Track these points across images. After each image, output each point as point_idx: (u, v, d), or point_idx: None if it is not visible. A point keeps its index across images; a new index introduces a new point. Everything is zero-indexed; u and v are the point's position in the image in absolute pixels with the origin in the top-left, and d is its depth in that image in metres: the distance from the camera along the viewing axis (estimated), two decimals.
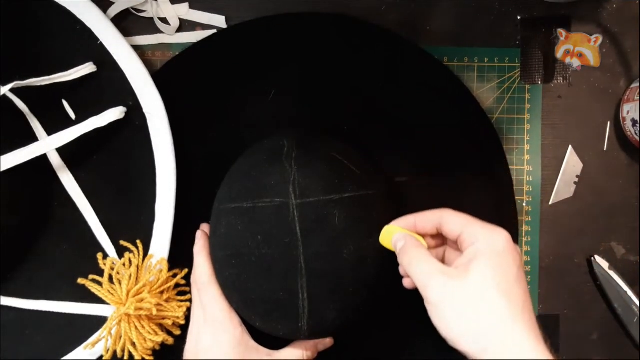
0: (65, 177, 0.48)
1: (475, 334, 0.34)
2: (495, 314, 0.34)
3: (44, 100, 0.47)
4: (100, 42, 0.46)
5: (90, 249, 0.47)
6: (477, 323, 0.34)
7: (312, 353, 0.44)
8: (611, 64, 0.53)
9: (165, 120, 0.46)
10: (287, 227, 0.39)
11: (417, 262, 0.37)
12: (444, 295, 0.35)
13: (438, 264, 0.36)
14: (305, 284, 0.39)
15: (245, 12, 0.51)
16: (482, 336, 0.33)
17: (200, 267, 0.44)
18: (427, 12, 0.52)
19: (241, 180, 0.43)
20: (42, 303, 0.47)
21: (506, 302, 0.34)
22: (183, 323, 0.45)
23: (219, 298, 0.43)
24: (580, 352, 0.53)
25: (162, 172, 0.46)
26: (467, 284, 0.35)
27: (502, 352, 0.32)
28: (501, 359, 0.32)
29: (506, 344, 0.33)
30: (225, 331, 0.42)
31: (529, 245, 0.53)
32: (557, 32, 0.53)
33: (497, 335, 0.33)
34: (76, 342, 0.46)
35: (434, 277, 0.36)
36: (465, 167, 0.51)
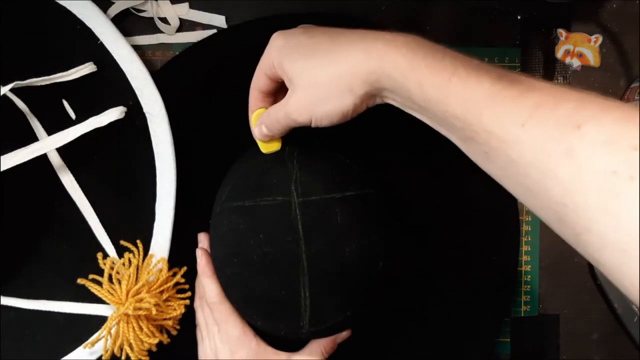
0: (65, 177, 0.48)
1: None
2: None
3: (44, 100, 0.47)
4: (100, 42, 0.46)
5: (90, 249, 0.47)
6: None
7: (332, 348, 0.45)
8: (611, 64, 0.53)
9: (165, 120, 0.46)
10: (289, 226, 0.39)
11: (271, 121, 0.39)
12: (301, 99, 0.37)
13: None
14: (307, 283, 0.39)
15: (245, 12, 0.51)
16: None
17: (208, 286, 0.44)
18: (427, 12, 0.52)
19: (243, 179, 0.43)
20: (42, 303, 0.47)
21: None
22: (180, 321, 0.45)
23: (231, 314, 0.44)
24: (580, 352, 0.53)
25: (162, 172, 0.46)
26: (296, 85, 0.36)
27: None
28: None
29: None
30: (242, 346, 0.43)
31: (529, 245, 0.53)
32: (557, 32, 0.53)
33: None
34: (76, 342, 0.46)
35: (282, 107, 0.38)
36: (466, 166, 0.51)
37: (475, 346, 0.50)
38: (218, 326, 0.44)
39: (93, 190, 0.48)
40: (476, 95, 0.30)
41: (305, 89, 0.36)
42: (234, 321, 0.43)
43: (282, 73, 0.38)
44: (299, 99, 0.36)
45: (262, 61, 0.40)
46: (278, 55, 0.38)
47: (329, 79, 0.35)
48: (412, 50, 0.33)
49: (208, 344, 0.44)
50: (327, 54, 0.35)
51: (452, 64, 0.32)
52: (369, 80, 0.34)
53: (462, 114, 0.31)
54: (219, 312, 0.44)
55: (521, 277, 0.53)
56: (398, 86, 0.33)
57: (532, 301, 0.53)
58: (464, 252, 0.51)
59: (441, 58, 0.32)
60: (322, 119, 0.36)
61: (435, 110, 0.32)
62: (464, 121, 0.31)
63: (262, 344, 0.43)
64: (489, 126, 0.30)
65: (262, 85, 0.40)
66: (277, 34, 0.39)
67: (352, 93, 0.34)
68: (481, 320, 0.50)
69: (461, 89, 0.31)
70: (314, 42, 0.37)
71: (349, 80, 0.34)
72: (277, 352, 0.43)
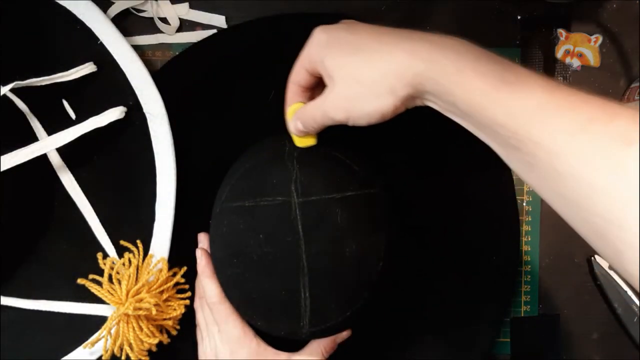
0: (65, 177, 0.48)
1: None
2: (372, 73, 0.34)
3: (44, 100, 0.47)
4: (101, 42, 0.46)
5: (90, 249, 0.47)
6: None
7: (332, 348, 0.45)
8: (611, 64, 0.53)
9: (165, 120, 0.46)
10: (289, 226, 0.39)
11: (306, 118, 0.39)
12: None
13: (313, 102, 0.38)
14: (307, 283, 0.39)
15: (245, 12, 0.51)
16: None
17: (208, 286, 0.44)
18: (427, 12, 0.52)
19: (243, 179, 0.43)
20: (42, 303, 0.47)
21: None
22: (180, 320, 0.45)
23: (231, 314, 0.44)
24: (580, 352, 0.53)
25: (162, 172, 0.46)
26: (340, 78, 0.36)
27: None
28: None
29: None
30: (242, 346, 0.43)
31: (529, 245, 0.53)
32: (557, 32, 0.53)
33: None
34: (76, 342, 0.46)
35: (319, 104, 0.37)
36: (466, 166, 0.51)
37: (475, 346, 0.50)
38: (218, 326, 0.44)
39: (93, 190, 0.48)
40: (525, 105, 0.30)
41: (345, 86, 0.35)
42: (234, 321, 0.43)
43: (321, 68, 0.37)
44: (338, 97, 0.36)
45: (302, 55, 0.39)
46: (319, 51, 0.37)
47: (371, 78, 0.34)
48: (460, 54, 0.32)
49: (208, 344, 0.44)
50: (371, 52, 0.34)
51: (501, 71, 0.31)
52: (412, 83, 0.33)
53: (508, 123, 0.30)
54: (219, 312, 0.44)
55: (521, 277, 0.53)
56: (442, 90, 0.33)
57: (532, 301, 0.53)
58: (464, 252, 0.51)
59: (490, 64, 0.32)
60: (360, 118, 0.35)
61: (480, 117, 0.32)
62: (510, 130, 0.30)
63: (262, 344, 0.43)
64: (537, 137, 0.29)
65: (301, 79, 0.40)
66: (319, 28, 0.38)
67: (393, 94, 0.34)
68: (481, 321, 0.50)
69: (510, 97, 0.30)
70: (358, 39, 0.36)
71: (392, 81, 0.33)
72: (278, 352, 0.43)
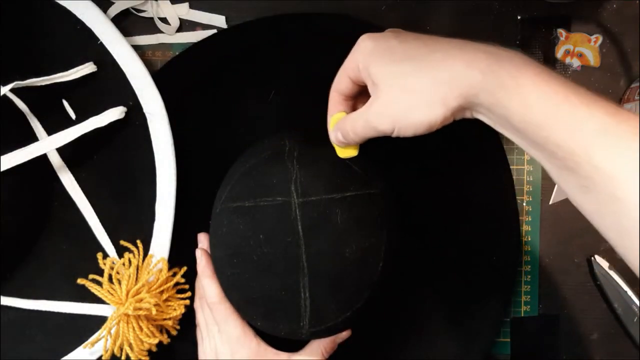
0: (65, 177, 0.48)
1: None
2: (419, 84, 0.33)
3: (44, 100, 0.47)
4: (100, 42, 0.46)
5: (90, 249, 0.47)
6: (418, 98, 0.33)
7: (332, 348, 0.45)
8: (611, 64, 0.53)
9: (165, 120, 0.46)
10: (289, 226, 0.39)
11: (347, 130, 0.38)
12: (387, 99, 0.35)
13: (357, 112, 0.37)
14: (307, 283, 0.39)
15: (245, 12, 0.51)
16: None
17: (208, 287, 0.44)
18: (427, 12, 0.52)
19: (242, 180, 0.43)
20: (42, 303, 0.47)
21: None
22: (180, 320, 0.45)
23: (232, 315, 0.44)
24: (580, 352, 0.53)
25: (162, 172, 0.46)
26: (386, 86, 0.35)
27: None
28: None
29: None
30: (242, 346, 0.43)
31: (529, 245, 0.53)
32: (557, 32, 0.53)
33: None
34: (76, 342, 0.46)
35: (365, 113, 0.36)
36: (466, 167, 0.51)
37: (475, 346, 0.50)
38: (218, 326, 0.44)
39: (93, 190, 0.48)
40: (587, 127, 0.29)
41: (392, 95, 0.34)
42: (234, 321, 0.43)
43: (366, 77, 0.36)
44: (383, 106, 0.34)
45: (347, 63, 0.38)
46: (365, 59, 0.36)
47: (421, 87, 0.33)
48: (519, 68, 0.31)
49: (208, 344, 0.44)
50: (422, 60, 0.33)
51: (564, 89, 0.30)
52: (466, 94, 0.32)
53: (566, 144, 0.29)
54: (219, 313, 0.44)
55: (521, 277, 0.53)
56: (497, 103, 0.31)
57: (532, 301, 0.53)
58: (464, 252, 0.51)
59: (552, 81, 0.31)
60: (407, 128, 0.34)
61: (535, 135, 0.31)
62: (567, 151, 0.30)
63: (263, 344, 0.43)
64: (597, 160, 0.29)
65: (344, 87, 0.39)
66: (366, 36, 0.37)
67: (444, 104, 0.32)
68: (481, 320, 0.50)
69: (571, 118, 0.29)
70: (408, 48, 0.34)
71: (444, 91, 0.32)
72: (278, 352, 0.43)
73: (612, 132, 0.28)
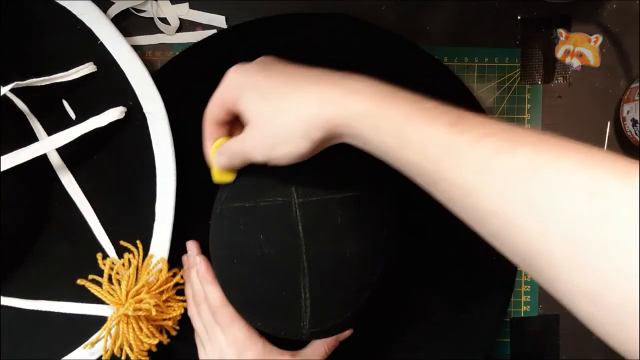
0: (65, 177, 0.48)
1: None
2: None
3: (44, 100, 0.47)
4: (101, 42, 0.46)
5: (90, 249, 0.47)
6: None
7: (333, 346, 0.45)
8: (611, 64, 0.53)
9: (165, 120, 0.46)
10: (289, 226, 0.39)
11: (229, 155, 0.40)
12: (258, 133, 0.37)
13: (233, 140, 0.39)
14: (308, 283, 0.39)
15: (245, 12, 0.51)
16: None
17: (210, 292, 0.44)
18: (427, 12, 0.52)
19: (242, 179, 0.43)
20: (42, 303, 0.47)
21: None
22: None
23: (236, 318, 0.43)
24: (580, 352, 0.53)
25: (162, 172, 0.46)
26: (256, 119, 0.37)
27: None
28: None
29: None
30: (249, 348, 0.43)
31: None
32: (557, 32, 0.53)
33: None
34: (76, 342, 0.46)
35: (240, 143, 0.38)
36: None
37: (475, 346, 0.50)
38: (223, 330, 0.43)
39: (93, 190, 0.48)
40: (432, 143, 0.30)
41: (261, 130, 0.36)
42: (239, 324, 0.43)
43: (237, 110, 0.38)
44: (256, 140, 0.37)
45: (218, 94, 0.40)
46: (235, 93, 0.38)
47: (284, 124, 0.35)
48: (367, 96, 0.33)
49: (211, 349, 0.44)
50: (283, 98, 0.35)
51: (408, 110, 0.31)
52: (325, 127, 0.34)
53: (420, 162, 0.31)
54: (223, 316, 0.44)
55: (521, 277, 0.53)
56: (355, 133, 0.33)
57: (532, 301, 0.53)
58: (464, 252, 0.51)
59: (396, 104, 0.32)
60: (278, 160, 0.36)
61: (394, 158, 0.32)
62: (424, 169, 0.31)
63: (268, 345, 0.43)
64: (448, 175, 0.29)
65: (219, 116, 0.41)
66: (234, 69, 0.39)
67: (307, 138, 0.34)
68: (481, 320, 0.51)
69: (417, 136, 0.31)
70: (271, 84, 0.36)
71: (304, 127, 0.34)
72: (282, 352, 0.44)
73: (456, 143, 0.29)
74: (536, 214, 0.26)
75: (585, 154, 0.26)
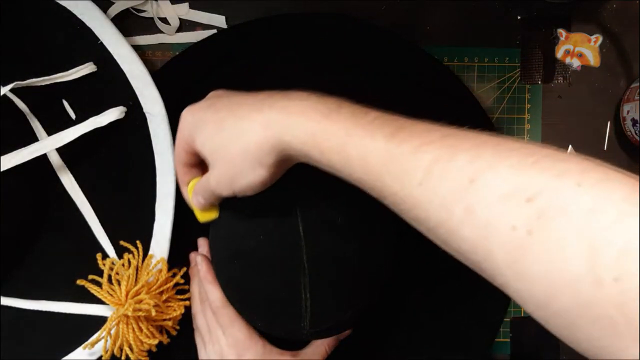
0: (65, 177, 0.48)
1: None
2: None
3: (44, 100, 0.47)
4: (101, 42, 0.46)
5: (90, 249, 0.47)
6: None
7: (334, 346, 0.45)
8: (611, 64, 0.53)
9: (165, 120, 0.46)
10: (289, 226, 0.39)
11: (203, 193, 0.40)
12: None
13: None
14: (308, 283, 0.39)
15: (245, 12, 0.51)
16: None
17: (211, 292, 0.44)
18: (427, 12, 0.52)
19: None
20: (42, 303, 0.47)
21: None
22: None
23: (236, 318, 0.44)
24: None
25: (162, 172, 0.46)
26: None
27: None
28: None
29: None
30: (249, 348, 0.43)
31: None
32: (557, 32, 0.53)
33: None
34: (76, 342, 0.46)
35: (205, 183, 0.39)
36: None
37: (474, 346, 0.50)
38: (223, 330, 0.44)
39: (93, 191, 0.48)
40: (373, 157, 0.30)
41: (220, 167, 0.36)
42: (239, 324, 0.43)
43: (196, 150, 0.38)
44: (217, 177, 0.37)
45: (178, 138, 0.40)
46: (189, 134, 0.38)
47: (236, 156, 0.35)
48: (308, 117, 0.32)
49: (212, 349, 0.44)
50: (231, 130, 0.35)
51: (347, 126, 0.31)
52: (274, 152, 0.34)
53: (364, 178, 0.30)
54: (224, 317, 0.44)
55: None
56: (302, 154, 0.33)
57: None
58: None
59: (337, 120, 0.32)
60: (243, 191, 0.36)
61: (344, 175, 0.32)
62: (368, 184, 0.30)
63: (268, 345, 0.43)
64: (392, 189, 0.29)
65: (185, 159, 0.41)
66: (186, 110, 0.39)
67: (263, 166, 0.34)
68: (480, 321, 0.50)
69: (357, 153, 0.30)
70: (219, 119, 0.36)
71: (255, 155, 0.34)
72: (282, 352, 0.44)
73: (395, 155, 0.29)
74: (476, 224, 0.25)
75: (523, 155, 0.25)
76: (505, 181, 0.25)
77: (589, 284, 0.22)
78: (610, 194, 0.23)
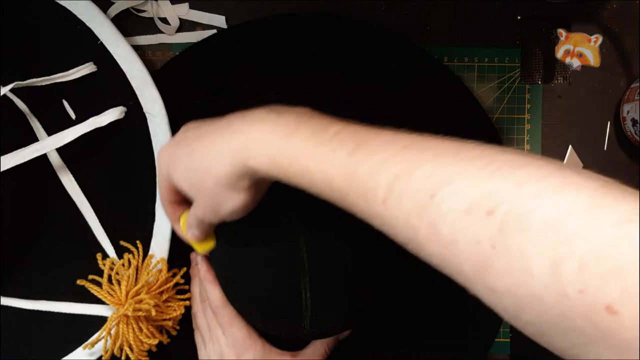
0: (65, 177, 0.48)
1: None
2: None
3: (44, 100, 0.47)
4: (100, 42, 0.46)
5: (90, 249, 0.47)
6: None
7: (334, 345, 0.45)
8: (611, 64, 0.53)
9: (165, 120, 0.46)
10: (289, 226, 0.39)
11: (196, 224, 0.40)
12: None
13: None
14: (308, 283, 0.39)
15: (245, 12, 0.51)
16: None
17: (211, 292, 0.44)
18: (427, 12, 0.52)
19: None
20: (42, 303, 0.47)
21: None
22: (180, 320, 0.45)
23: (236, 318, 0.44)
24: None
25: None
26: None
27: None
28: None
29: None
30: (248, 348, 0.43)
31: None
32: (557, 32, 0.53)
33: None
34: (76, 342, 0.46)
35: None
36: None
37: (474, 346, 0.50)
38: (223, 330, 0.44)
39: (93, 190, 0.48)
40: (336, 178, 0.29)
41: (200, 199, 0.36)
42: (239, 324, 0.43)
43: (177, 186, 0.38)
44: (201, 208, 0.37)
45: (158, 179, 0.41)
46: (167, 172, 0.38)
47: (213, 186, 0.35)
48: (265, 141, 0.32)
49: (212, 348, 0.44)
50: (202, 163, 0.35)
51: (308, 145, 0.30)
52: (247, 175, 0.33)
53: (332, 196, 0.30)
54: (223, 316, 0.44)
55: None
56: (271, 176, 0.33)
57: None
58: None
59: (299, 140, 0.31)
60: (232, 217, 0.36)
61: (316, 194, 0.31)
62: (337, 202, 0.30)
63: (267, 345, 0.43)
64: (358, 206, 0.29)
65: (170, 197, 0.41)
66: (161, 150, 0.40)
67: (237, 190, 0.34)
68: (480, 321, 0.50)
69: (320, 172, 0.30)
70: (189, 152, 0.36)
71: (229, 183, 0.34)
72: (282, 352, 0.44)
73: (357, 173, 0.28)
74: (442, 241, 0.25)
75: (482, 164, 0.25)
76: (465, 195, 0.24)
77: (554, 297, 0.22)
78: (569, 202, 0.22)
